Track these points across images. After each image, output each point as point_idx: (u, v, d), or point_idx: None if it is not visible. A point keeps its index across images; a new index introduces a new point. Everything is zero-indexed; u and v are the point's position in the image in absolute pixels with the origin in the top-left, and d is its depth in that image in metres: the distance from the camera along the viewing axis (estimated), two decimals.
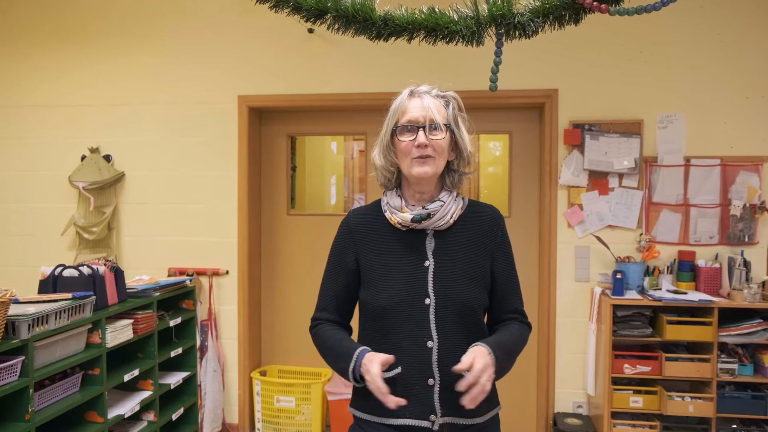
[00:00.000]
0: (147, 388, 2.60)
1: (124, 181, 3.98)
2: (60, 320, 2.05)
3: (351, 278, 1.62)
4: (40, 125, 4.04)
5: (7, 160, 4.07)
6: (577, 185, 3.64)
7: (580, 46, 3.63)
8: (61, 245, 4.01)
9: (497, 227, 1.64)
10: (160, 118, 3.94)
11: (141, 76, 3.94)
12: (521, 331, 1.63)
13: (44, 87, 4.02)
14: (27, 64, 4.03)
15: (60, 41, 3.99)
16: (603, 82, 3.62)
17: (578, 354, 3.67)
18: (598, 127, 3.61)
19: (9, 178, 4.07)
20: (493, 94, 3.70)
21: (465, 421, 1.54)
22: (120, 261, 3.98)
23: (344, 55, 3.75)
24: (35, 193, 4.06)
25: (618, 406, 3.31)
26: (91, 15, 3.96)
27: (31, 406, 1.93)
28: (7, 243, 4.07)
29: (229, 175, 3.90)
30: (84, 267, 2.30)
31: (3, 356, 1.87)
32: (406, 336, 1.52)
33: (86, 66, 3.98)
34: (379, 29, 1.35)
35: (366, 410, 1.57)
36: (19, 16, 4.03)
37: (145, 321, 2.52)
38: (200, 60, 3.89)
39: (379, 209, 1.63)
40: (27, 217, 4.07)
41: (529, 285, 3.85)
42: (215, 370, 3.86)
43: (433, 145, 1.52)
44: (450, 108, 1.60)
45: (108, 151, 3.97)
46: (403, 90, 1.62)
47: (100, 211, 3.94)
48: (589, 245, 3.65)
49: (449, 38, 1.35)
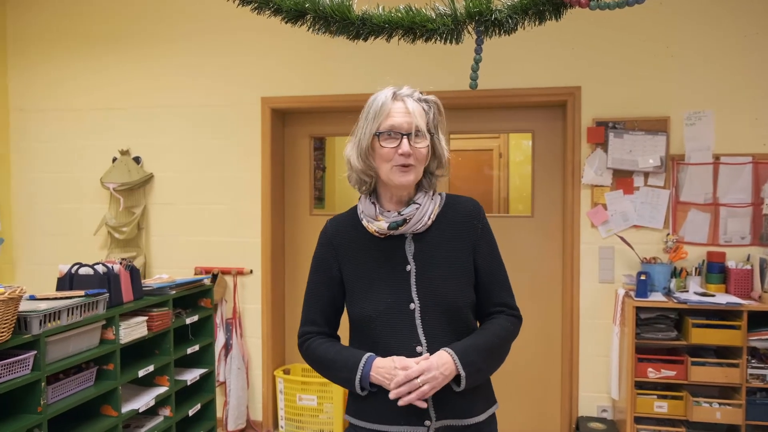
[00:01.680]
0: (163, 384, 2.67)
1: (153, 182, 4.09)
2: (72, 317, 2.13)
3: (336, 289, 1.60)
4: (73, 129, 4.19)
5: (43, 162, 4.24)
6: (600, 184, 3.56)
7: (603, 42, 3.55)
8: (94, 245, 4.14)
9: (477, 220, 1.61)
10: (186, 121, 4.03)
11: (168, 80, 4.04)
12: (505, 326, 1.59)
13: (77, 91, 4.17)
14: (60, 70, 4.19)
15: (91, 47, 4.13)
16: (627, 79, 3.53)
17: (602, 357, 3.59)
18: (622, 124, 3.52)
19: (45, 180, 4.24)
20: (516, 93, 3.66)
21: (461, 422, 1.53)
22: (149, 260, 4.10)
23: (365, 55, 3.76)
24: (69, 194, 4.21)
25: (642, 410, 3.22)
26: (121, 20, 4.09)
27: (43, 398, 2.00)
28: (44, 242, 4.24)
29: (253, 176, 3.97)
30: (99, 265, 2.38)
31: (15, 350, 1.95)
32: (395, 343, 1.51)
33: (116, 70, 4.11)
34: (357, 29, 1.35)
35: (362, 417, 1.56)
36: (51, 23, 4.19)
37: (160, 318, 2.59)
38: (225, 62, 3.97)
39: (356, 217, 1.61)
40: (62, 217, 4.22)
41: (552, 286, 3.78)
42: (239, 368, 3.93)
43: (415, 153, 1.49)
44: (431, 113, 1.55)
45: (138, 153, 4.09)
46: (382, 90, 1.55)
47: (129, 211, 4.06)
48: (613, 246, 3.56)
49: (427, 37, 1.34)
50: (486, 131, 3.97)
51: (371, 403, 1.53)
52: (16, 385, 1.91)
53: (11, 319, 1.85)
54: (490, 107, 3.85)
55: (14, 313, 1.86)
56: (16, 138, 4.27)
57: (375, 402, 1.52)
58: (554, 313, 3.79)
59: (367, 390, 1.50)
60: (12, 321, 1.87)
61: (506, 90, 3.68)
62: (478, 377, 1.51)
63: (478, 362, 1.49)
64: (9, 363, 1.90)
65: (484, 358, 1.51)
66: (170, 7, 4.02)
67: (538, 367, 3.82)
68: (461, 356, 1.47)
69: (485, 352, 1.51)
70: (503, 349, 1.59)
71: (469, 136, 4.51)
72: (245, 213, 3.98)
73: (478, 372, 1.50)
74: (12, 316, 1.86)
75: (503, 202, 5.26)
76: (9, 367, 1.90)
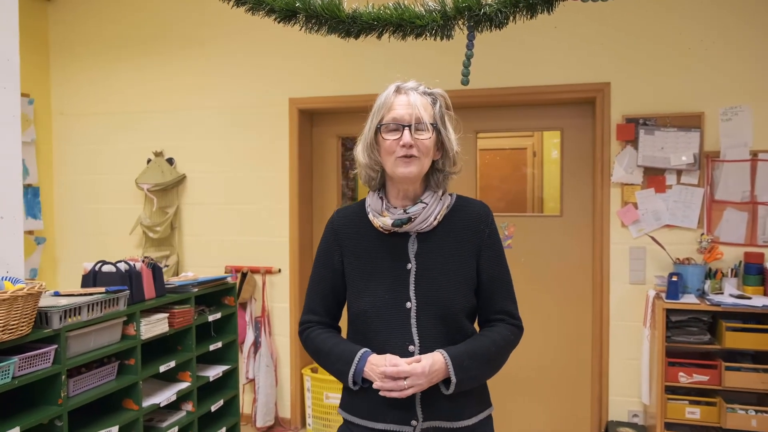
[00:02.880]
0: (185, 380, 2.72)
1: (186, 182, 4.18)
2: (93, 312, 2.20)
3: (337, 280, 1.60)
4: (110, 131, 4.32)
5: (82, 165, 4.39)
6: (631, 183, 3.46)
7: (633, 36, 3.45)
8: (130, 244, 4.27)
9: (484, 224, 1.58)
10: (217, 122, 4.11)
11: (199, 82, 4.13)
12: (504, 334, 1.56)
13: (114, 95, 4.31)
14: (99, 75, 4.33)
15: (128, 51, 4.25)
16: (659, 74, 3.42)
17: (633, 360, 3.49)
18: (653, 121, 3.42)
19: (85, 182, 4.39)
20: (544, 90, 3.60)
21: (449, 425, 1.51)
22: (181, 259, 4.20)
23: (391, 55, 3.76)
24: (107, 195, 4.35)
25: (673, 416, 3.12)
26: (156, 25, 4.20)
27: (63, 391, 2.07)
28: (84, 242, 4.39)
29: (281, 176, 4.02)
30: (121, 263, 2.45)
31: (37, 344, 2.02)
32: (389, 340, 1.51)
33: (151, 74, 4.22)
34: (347, 27, 1.35)
35: (352, 412, 1.57)
36: (90, 30, 4.33)
37: (181, 315, 2.65)
38: (254, 64, 4.03)
39: (363, 210, 1.60)
40: (100, 217, 4.36)
41: (582, 287, 3.70)
42: (268, 366, 3.99)
43: (418, 145, 1.47)
44: (437, 106, 1.53)
45: (171, 155, 4.20)
46: (389, 85, 1.53)
47: (163, 211, 4.17)
48: (644, 246, 3.46)
49: (418, 33, 1.33)
50: (514, 129, 3.91)
51: (362, 398, 1.53)
52: (37, 377, 1.99)
53: (31, 313, 1.93)
54: (519, 105, 3.80)
55: (34, 307, 1.94)
56: (58, 141, 4.44)
57: (366, 397, 1.52)
58: (584, 314, 3.70)
59: (359, 385, 1.50)
60: (32, 315, 1.94)
61: (534, 87, 3.62)
62: (469, 383, 1.49)
63: (471, 368, 1.47)
64: (30, 356, 1.97)
65: (478, 365, 1.49)
66: (201, 11, 4.11)
67: (568, 368, 3.74)
68: (455, 361, 1.46)
69: (480, 359, 1.49)
70: (500, 357, 1.56)
71: (502, 134, 4.45)
72: (274, 213, 4.04)
73: (471, 378, 1.48)
74: (32, 311, 1.93)
75: (537, 201, 5.18)
76: (30, 360, 1.98)
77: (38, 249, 4.27)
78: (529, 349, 3.79)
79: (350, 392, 1.57)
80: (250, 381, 4.01)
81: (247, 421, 4.07)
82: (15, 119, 2.22)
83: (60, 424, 2.08)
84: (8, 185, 2.23)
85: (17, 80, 2.24)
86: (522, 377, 3.79)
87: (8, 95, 2.21)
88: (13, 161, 2.24)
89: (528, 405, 3.80)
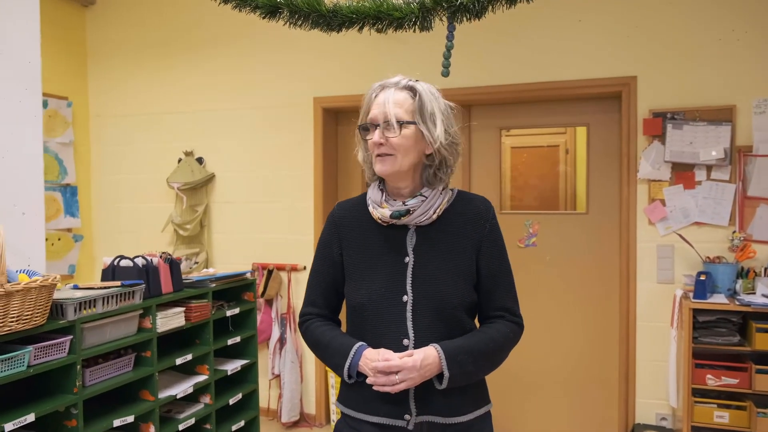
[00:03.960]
0: (203, 373, 2.78)
1: (214, 181, 4.28)
2: (108, 305, 2.27)
3: (337, 272, 1.61)
4: (143, 132, 4.46)
5: (117, 164, 4.54)
6: (658, 179, 3.36)
7: (660, 28, 3.35)
8: (162, 241, 4.39)
9: (485, 220, 1.57)
10: (244, 122, 4.19)
11: (227, 83, 4.22)
12: (503, 331, 1.54)
13: (146, 97, 4.44)
14: (131, 78, 4.47)
15: (160, 55, 4.38)
16: (687, 66, 3.31)
17: (661, 362, 3.39)
18: (682, 115, 3.31)
19: (120, 181, 4.54)
20: (569, 85, 3.53)
21: (444, 420, 1.50)
22: (210, 256, 4.29)
23: (413, 53, 3.76)
24: (141, 194, 4.48)
25: (700, 420, 3.01)
26: (186, 29, 4.31)
27: (78, 380, 2.15)
28: (119, 240, 4.53)
29: (306, 174, 4.06)
30: (139, 258, 2.52)
31: (53, 334, 2.10)
32: (384, 333, 1.51)
33: (182, 76, 4.33)
34: (328, 20, 1.36)
35: (348, 405, 1.58)
36: (124, 34, 4.47)
37: (198, 310, 2.71)
38: (279, 65, 4.09)
39: (364, 203, 1.61)
40: (134, 216, 4.50)
41: (609, 286, 3.61)
42: (293, 362, 4.04)
43: (390, 143, 1.47)
44: (416, 100, 1.48)
45: (200, 154, 4.30)
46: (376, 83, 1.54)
47: (193, 209, 4.27)
48: (672, 244, 3.36)
49: (397, 25, 1.33)
50: (539, 126, 3.84)
51: (358, 391, 1.54)
52: (52, 366, 2.07)
53: (45, 305, 2.01)
54: (543, 101, 3.74)
55: (48, 299, 2.02)
56: (95, 142, 4.60)
57: (361, 391, 1.53)
58: (610, 314, 3.62)
59: (355, 378, 1.51)
60: (46, 307, 2.02)
61: (558, 82, 3.56)
62: (463, 379, 1.47)
63: (465, 364, 1.46)
64: (45, 346, 2.06)
65: (473, 361, 1.47)
66: (228, 14, 4.18)
67: (594, 369, 3.66)
68: (448, 355, 1.44)
69: (475, 355, 1.48)
70: (498, 354, 1.54)
71: (533, 132, 4.39)
72: (299, 211, 4.08)
73: (465, 374, 1.47)
74: (46, 302, 2.01)
75: (570, 199, 5.09)
76: (45, 350, 2.06)
77: (76, 246, 4.44)
78: (554, 348, 3.72)
79: (347, 386, 1.57)
80: (276, 377, 4.07)
81: (273, 416, 4.13)
82: (36, 119, 2.32)
83: (75, 412, 2.16)
84: (30, 183, 2.33)
85: (38, 82, 2.34)
86: (546, 377, 3.72)
87: (30, 97, 2.31)
88: (35, 160, 2.34)
89: (552, 405, 3.73)
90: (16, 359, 1.95)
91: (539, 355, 3.74)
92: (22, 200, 2.29)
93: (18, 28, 2.27)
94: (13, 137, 2.25)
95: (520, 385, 3.73)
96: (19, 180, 2.28)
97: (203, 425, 2.81)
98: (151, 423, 2.48)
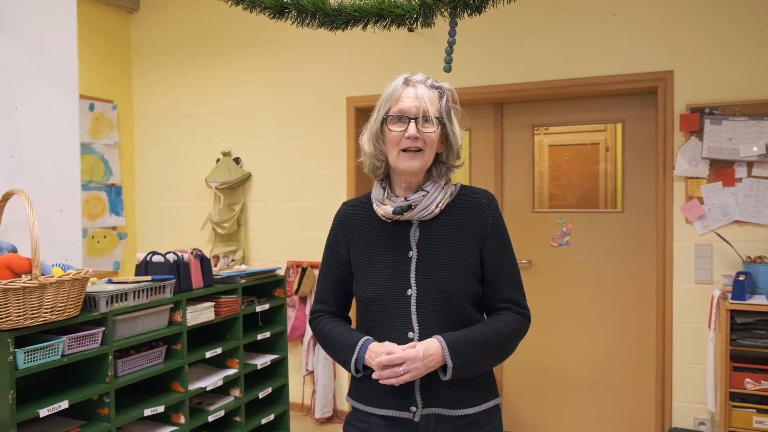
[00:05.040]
0: (233, 367, 2.86)
1: (251, 180, 4.37)
2: (138, 299, 2.36)
3: (344, 270, 1.64)
4: (184, 133, 4.59)
5: (159, 165, 4.69)
6: (695, 176, 3.27)
7: (698, 20, 3.26)
8: (202, 239, 4.51)
9: (488, 213, 1.58)
10: (279, 122, 4.27)
11: (263, 85, 4.31)
12: (509, 323, 1.54)
13: (187, 100, 4.57)
14: (173, 81, 4.61)
15: (200, 58, 4.50)
16: (726, 60, 3.21)
17: (698, 365, 3.29)
18: (720, 110, 3.21)
19: (161, 181, 4.69)
20: (603, 80, 3.47)
21: (451, 413, 1.51)
22: (247, 254, 4.39)
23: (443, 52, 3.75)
24: (181, 193, 4.62)
25: (739, 425, 2.91)
26: (223, 33, 4.42)
27: (110, 370, 2.24)
28: (160, 238, 4.68)
29: (340, 173, 4.11)
30: (170, 254, 2.61)
31: (86, 326, 2.20)
32: (389, 327, 1.53)
33: (219, 78, 4.45)
34: (332, 19, 1.39)
35: (357, 398, 1.60)
36: (166, 39, 4.62)
37: (228, 305, 2.78)
38: (312, 66, 4.15)
39: (369, 201, 1.64)
40: (175, 214, 4.64)
41: (645, 286, 3.53)
42: (326, 358, 4.09)
43: (423, 138, 1.50)
44: (444, 100, 1.54)
45: (237, 154, 4.40)
46: (398, 76, 1.57)
47: (230, 208, 4.38)
48: (711, 243, 3.26)
49: (399, 23, 1.35)
50: (572, 123, 3.78)
51: (366, 385, 1.57)
52: (85, 356, 2.16)
53: (78, 297, 2.10)
54: (576, 97, 3.68)
55: (80, 292, 2.11)
56: (139, 143, 4.77)
57: (368, 385, 1.55)
58: (646, 315, 3.53)
59: (362, 372, 1.54)
60: (79, 299, 2.11)
61: (592, 78, 3.50)
62: (467, 370, 1.48)
63: (470, 354, 1.46)
64: (78, 336, 2.15)
65: (477, 351, 1.47)
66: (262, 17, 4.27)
67: (629, 371, 3.58)
68: (451, 346, 1.45)
69: (479, 346, 1.48)
70: (504, 346, 1.54)
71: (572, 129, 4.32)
72: (333, 209, 4.08)
73: (469, 365, 1.47)
74: (78, 295, 2.10)
75: (611, 197, 4.99)
76: (79, 340, 2.16)
77: (121, 244, 4.61)
78: (588, 349, 3.66)
79: (355, 380, 1.60)
80: (310, 373, 4.13)
81: (307, 411, 4.19)
82: (73, 120, 2.43)
83: (108, 400, 2.25)
84: (68, 181, 2.44)
85: (76, 85, 2.44)
86: (581, 378, 3.66)
87: (68, 99, 2.42)
88: (72, 159, 2.45)
89: (586, 406, 3.66)
90: (50, 348, 2.05)
91: (573, 356, 3.68)
92: (59, 198, 2.40)
93: (56, 34, 2.38)
94: (51, 138, 2.36)
95: (554, 385, 3.68)
96: (56, 179, 2.39)
97: (233, 418, 2.88)
98: (182, 413, 2.56)
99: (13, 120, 2.25)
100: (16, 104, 2.26)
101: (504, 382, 3.75)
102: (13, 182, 2.21)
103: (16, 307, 1.92)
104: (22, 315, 1.93)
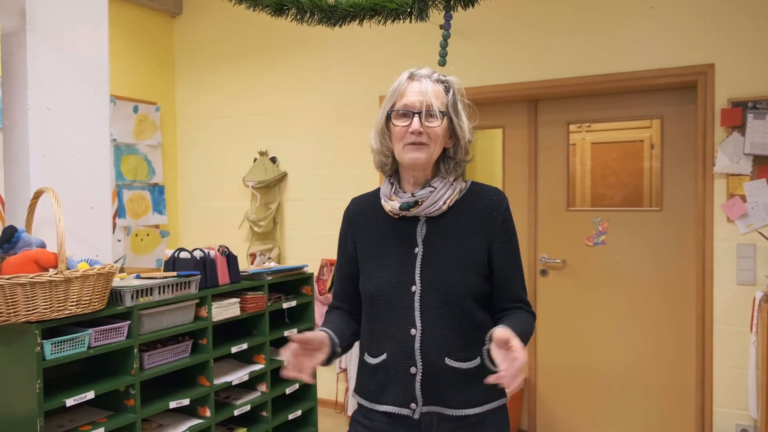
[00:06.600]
0: (260, 362, 2.90)
1: (287, 179, 4.44)
2: (164, 294, 2.43)
3: (353, 267, 1.64)
4: (223, 134, 4.70)
5: (200, 165, 4.81)
6: (737, 173, 3.13)
7: (739, 11, 3.12)
8: (239, 237, 4.61)
9: (497, 211, 1.55)
10: (314, 122, 4.32)
11: (298, 85, 4.37)
12: (530, 321, 1.54)
13: (226, 101, 4.67)
14: (213, 83, 4.72)
15: (239, 60, 4.60)
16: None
17: (740, 369, 3.15)
18: (764, 103, 3.07)
19: (202, 181, 4.81)
20: (640, 75, 3.37)
21: (452, 412, 1.50)
22: (282, 252, 4.45)
23: (476, 49, 3.72)
24: (221, 192, 4.72)
25: None
26: (259, 37, 4.49)
27: (136, 363, 2.32)
28: (201, 235, 4.80)
29: (372, 172, 4.10)
30: (197, 251, 2.67)
31: (112, 319, 2.28)
32: (393, 323, 1.52)
33: (257, 80, 4.53)
34: (329, 15, 1.40)
35: (362, 395, 1.61)
36: (207, 44, 4.74)
37: (254, 301, 2.82)
38: (346, 66, 4.18)
39: (377, 197, 1.64)
40: (215, 213, 4.75)
41: (685, 287, 3.40)
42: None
43: (428, 132, 1.48)
44: (450, 94, 1.53)
45: (274, 154, 4.47)
46: (403, 72, 1.56)
47: (266, 207, 4.45)
48: (754, 243, 3.11)
49: (394, 17, 1.34)
50: (609, 119, 3.67)
51: (368, 380, 1.57)
52: (111, 349, 2.24)
53: (103, 291, 2.18)
54: (613, 93, 3.58)
55: (106, 286, 2.19)
56: (182, 144, 4.90)
57: (372, 381, 1.56)
58: (686, 317, 3.40)
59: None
60: (104, 293, 2.19)
61: (630, 73, 3.40)
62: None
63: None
64: (104, 329, 2.23)
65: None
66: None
67: (670, 374, 3.46)
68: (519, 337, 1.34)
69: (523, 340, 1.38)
70: (527, 340, 1.51)
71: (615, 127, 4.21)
72: None
73: None
74: (104, 289, 2.18)
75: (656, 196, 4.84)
76: (105, 333, 2.24)
77: (163, 241, 4.75)
78: (626, 351, 3.56)
79: (360, 375, 1.61)
80: (343, 371, 4.16)
81: (341, 409, 4.22)
82: (104, 121, 2.52)
83: (133, 392, 2.32)
84: (99, 179, 2.53)
85: (107, 87, 2.53)
86: (618, 380, 3.56)
87: (99, 100, 2.51)
88: (103, 158, 2.54)
89: (624, 410, 3.55)
90: (77, 340, 2.13)
91: (609, 357, 3.58)
92: (90, 196, 2.49)
93: (88, 37, 2.47)
94: (83, 138, 2.46)
95: (589, 386, 3.58)
96: (87, 177, 2.48)
97: (260, 413, 2.92)
98: (207, 407, 2.61)
99: (46, 121, 2.35)
100: (49, 106, 2.36)
101: (538, 382, 3.67)
102: (45, 181, 2.31)
103: (43, 300, 2.00)
104: (48, 308, 2.02)
